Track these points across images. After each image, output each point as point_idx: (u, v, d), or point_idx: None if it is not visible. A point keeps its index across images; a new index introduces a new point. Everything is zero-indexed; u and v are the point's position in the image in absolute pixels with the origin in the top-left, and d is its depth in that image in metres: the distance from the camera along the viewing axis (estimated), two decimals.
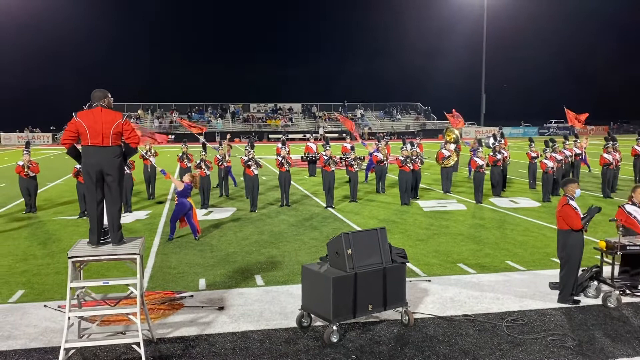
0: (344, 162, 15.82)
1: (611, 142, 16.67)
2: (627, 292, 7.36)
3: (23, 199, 14.76)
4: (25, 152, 14.52)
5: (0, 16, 54.85)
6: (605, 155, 16.39)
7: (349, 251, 6.11)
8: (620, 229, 7.21)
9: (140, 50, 72.86)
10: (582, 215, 7.09)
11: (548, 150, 16.06)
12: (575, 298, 7.20)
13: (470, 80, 63.90)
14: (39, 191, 15.33)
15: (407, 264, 6.80)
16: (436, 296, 7.49)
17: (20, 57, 61.33)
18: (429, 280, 8.17)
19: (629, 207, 7.93)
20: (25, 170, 14.25)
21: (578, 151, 18.57)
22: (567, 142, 18.69)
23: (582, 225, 7.02)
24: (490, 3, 57.82)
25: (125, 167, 9.89)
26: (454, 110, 21.78)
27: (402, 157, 15.10)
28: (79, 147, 5.74)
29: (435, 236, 11.23)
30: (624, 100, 68.68)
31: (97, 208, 5.69)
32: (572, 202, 7.14)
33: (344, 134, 36.83)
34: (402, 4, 68.94)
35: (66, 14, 61.77)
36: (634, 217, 7.82)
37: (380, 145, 18.11)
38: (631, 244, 7.21)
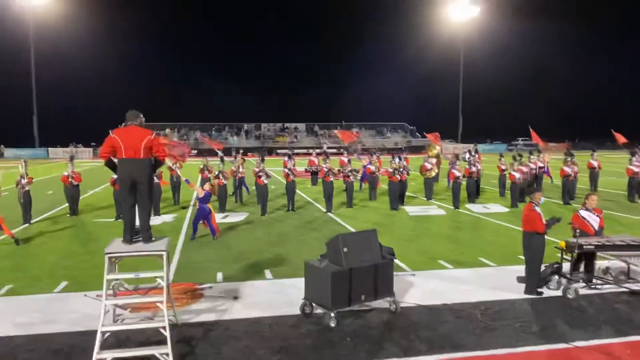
0: (341, 174, 15.84)
1: (570, 157, 16.71)
2: (583, 285, 7.36)
3: (67, 204, 14.79)
4: (69, 164, 14.59)
5: (48, 53, 54.94)
6: (565, 168, 16.39)
7: (345, 249, 6.13)
8: (577, 231, 7.22)
9: (168, 76, 73.52)
10: (544, 221, 7.11)
11: (516, 164, 16.10)
12: (539, 290, 7.20)
13: (449, 104, 64.43)
14: (81, 197, 15.33)
15: (395, 260, 6.80)
16: (420, 288, 7.48)
17: (64, 83, 61.52)
18: (414, 275, 8.16)
19: (583, 212, 7.95)
20: (70, 179, 14.29)
21: (541, 164, 18.53)
22: (532, 157, 18.67)
23: (544, 229, 7.04)
24: (467, 40, 58.55)
25: (154, 177, 9.92)
26: (437, 134, 21.85)
27: (391, 169, 15.13)
28: (115, 159, 5.77)
29: (419, 237, 11.22)
30: (581, 120, 68.84)
31: (130, 212, 5.71)
32: (537, 209, 7.17)
33: (342, 149, 36.86)
34: (392, 43, 69.85)
35: (99, 47, 61.83)
36: (587, 221, 7.86)
37: (372, 159, 18.13)
38: (587, 243, 7.23)
